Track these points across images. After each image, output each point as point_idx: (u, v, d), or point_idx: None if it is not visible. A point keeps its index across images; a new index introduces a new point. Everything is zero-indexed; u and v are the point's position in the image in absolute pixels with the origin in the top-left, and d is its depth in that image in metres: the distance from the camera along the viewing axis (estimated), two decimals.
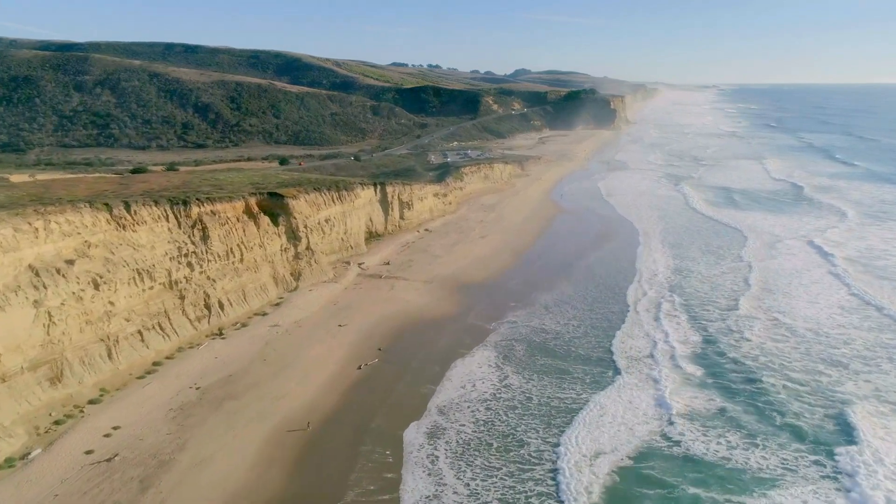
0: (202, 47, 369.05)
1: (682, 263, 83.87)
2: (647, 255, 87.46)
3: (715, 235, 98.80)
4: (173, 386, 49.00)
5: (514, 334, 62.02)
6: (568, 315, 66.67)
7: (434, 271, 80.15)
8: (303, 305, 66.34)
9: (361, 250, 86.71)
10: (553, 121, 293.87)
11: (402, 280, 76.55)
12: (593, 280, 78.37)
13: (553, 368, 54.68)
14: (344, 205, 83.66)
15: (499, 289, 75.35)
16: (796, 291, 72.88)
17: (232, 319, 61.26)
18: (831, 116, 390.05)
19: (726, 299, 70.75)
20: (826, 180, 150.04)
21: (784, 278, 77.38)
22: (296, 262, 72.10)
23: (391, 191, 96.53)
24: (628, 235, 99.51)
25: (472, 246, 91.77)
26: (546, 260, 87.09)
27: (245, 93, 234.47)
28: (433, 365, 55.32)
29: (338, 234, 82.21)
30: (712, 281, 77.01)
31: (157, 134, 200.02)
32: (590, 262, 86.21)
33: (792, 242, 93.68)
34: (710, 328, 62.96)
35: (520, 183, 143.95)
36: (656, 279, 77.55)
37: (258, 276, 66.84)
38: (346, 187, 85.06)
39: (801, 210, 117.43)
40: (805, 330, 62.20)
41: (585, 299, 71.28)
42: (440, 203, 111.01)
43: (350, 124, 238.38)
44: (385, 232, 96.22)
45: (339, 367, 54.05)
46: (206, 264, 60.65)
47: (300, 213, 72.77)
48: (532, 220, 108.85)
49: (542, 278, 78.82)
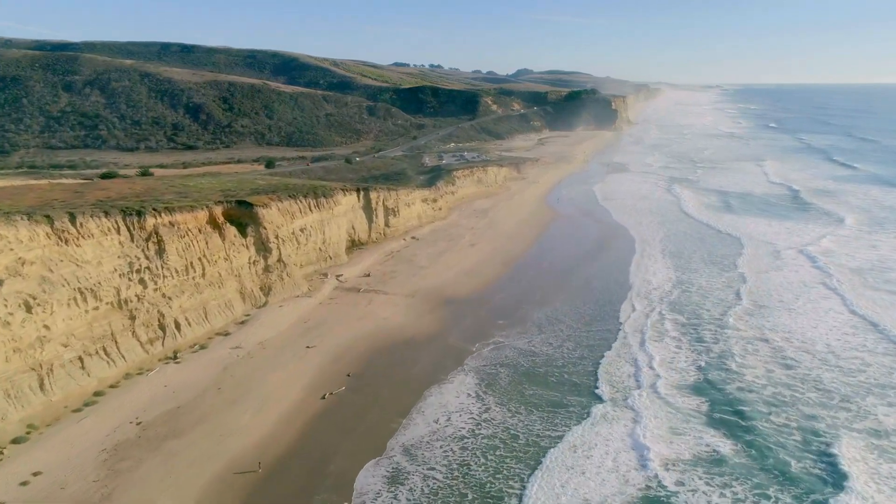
0: (199, 47, 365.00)
1: (677, 275, 78.35)
2: (642, 267, 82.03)
3: (711, 244, 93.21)
4: (112, 420, 43.96)
5: (499, 357, 56.75)
6: (560, 335, 61.29)
7: (417, 284, 75.01)
8: (270, 323, 61.27)
9: (342, 260, 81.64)
10: (553, 121, 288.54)
11: (381, 294, 71.42)
12: (588, 294, 73.14)
13: (543, 400, 49.16)
14: (322, 213, 78.59)
15: (485, 304, 70.15)
16: (794, 308, 67.37)
17: (190, 341, 56.21)
18: (831, 117, 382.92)
19: (718, 317, 65.30)
20: (825, 183, 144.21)
21: (780, 294, 71.84)
22: (266, 276, 67.05)
23: (375, 197, 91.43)
24: (624, 243, 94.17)
25: (460, 255, 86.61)
26: (538, 271, 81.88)
27: (238, 93, 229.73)
28: (406, 394, 50.16)
29: (315, 243, 77.14)
30: (705, 295, 71.53)
31: (146, 135, 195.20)
32: (584, 272, 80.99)
33: (789, 252, 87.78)
34: (701, 351, 57.52)
35: (515, 186, 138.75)
36: (649, 294, 72.04)
37: (222, 292, 61.79)
38: (324, 194, 79.99)
39: (799, 216, 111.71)
40: (807, 357, 56.77)
41: (579, 317, 65.96)
42: (429, 209, 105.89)
43: (345, 125, 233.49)
44: (369, 240, 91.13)
45: (302, 396, 48.95)
46: (162, 281, 55.63)
47: (271, 222, 67.72)
48: (525, 227, 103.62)
49: (532, 292, 73.60)
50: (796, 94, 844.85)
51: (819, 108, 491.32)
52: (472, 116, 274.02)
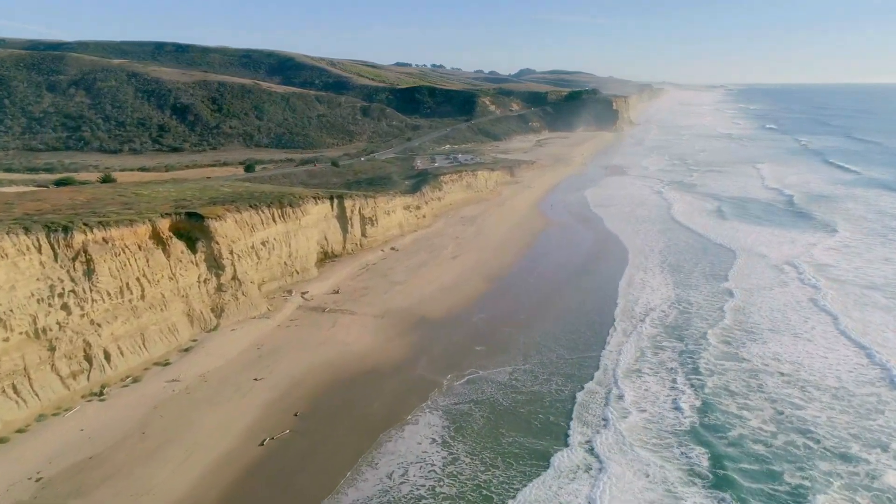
0: (193, 46, 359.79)
1: (668, 293, 71.57)
2: (634, 284, 75.23)
3: (704, 256, 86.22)
4: (8, 476, 37.67)
5: (473, 393, 50.04)
6: (548, 366, 54.28)
7: (389, 302, 68.55)
8: (218, 350, 54.94)
9: (310, 275, 75.27)
10: (553, 122, 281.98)
11: (348, 314, 64.99)
12: (579, 314, 66.50)
13: (524, 450, 42.18)
14: (288, 224, 72.23)
15: (462, 325, 63.61)
16: (788, 334, 60.71)
17: (121, 373, 49.89)
18: (832, 117, 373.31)
19: (709, 344, 58.76)
20: (823, 188, 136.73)
21: (773, 316, 65.11)
22: (218, 296, 60.70)
23: (350, 205, 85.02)
24: (617, 255, 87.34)
25: (440, 269, 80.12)
26: (524, 287, 75.28)
27: (227, 93, 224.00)
28: (360, 438, 43.72)
29: (278, 258, 70.77)
30: (694, 317, 64.88)
31: (130, 137, 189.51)
32: (575, 289, 74.40)
33: (785, 267, 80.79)
34: (690, 387, 50.99)
35: (507, 191, 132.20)
36: (637, 318, 65.50)
37: (165, 316, 55.45)
38: (291, 203, 73.61)
39: (796, 224, 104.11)
40: (811, 398, 50.19)
41: (570, 342, 59.08)
42: (412, 216, 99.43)
43: (337, 126, 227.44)
44: (343, 252, 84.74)
45: (238, 442, 42.56)
46: (90, 305, 49.32)
47: (225, 236, 61.37)
48: (514, 236, 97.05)
49: (516, 311, 67.04)
50: (799, 94, 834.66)
51: (820, 108, 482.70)
52: (469, 117, 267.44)
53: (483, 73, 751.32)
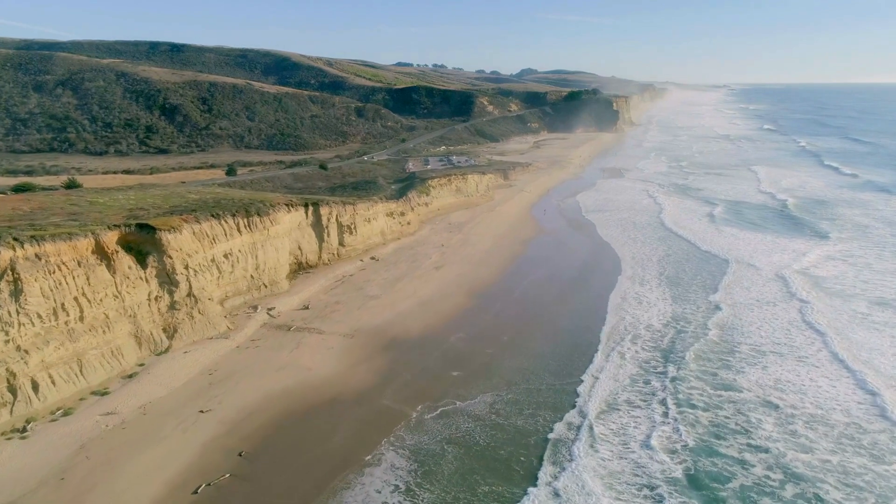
0: (188, 46, 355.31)
1: (662, 310, 66.50)
2: (625, 299, 70.09)
3: (696, 267, 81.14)
4: None
5: (447, 429, 44.70)
6: (534, 396, 48.95)
7: (361, 319, 63.50)
8: (165, 377, 49.98)
9: (280, 288, 70.28)
10: (552, 123, 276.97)
11: (315, 333, 59.98)
12: (568, 333, 61.49)
13: (504, 502, 37.42)
14: (254, 234, 67.26)
15: (440, 346, 58.50)
16: (790, 357, 55.57)
17: (52, 404, 44.95)
18: (832, 118, 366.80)
19: (688, 369, 53.64)
20: (819, 192, 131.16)
21: (760, 334, 60.01)
22: (171, 315, 55.75)
23: (327, 213, 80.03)
24: (609, 266, 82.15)
25: (420, 281, 75.04)
26: (509, 301, 70.11)
27: (218, 93, 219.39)
28: (311, 484, 38.68)
29: (243, 271, 65.80)
30: (682, 334, 59.80)
31: (117, 138, 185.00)
32: (564, 304, 69.29)
33: (775, 279, 75.70)
34: (659, 419, 45.91)
35: (500, 195, 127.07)
36: (625, 340, 60.48)
37: (108, 338, 50.51)
38: (259, 212, 68.61)
39: (792, 233, 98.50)
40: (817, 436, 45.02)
41: (558, 367, 53.91)
42: (396, 224, 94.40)
43: (331, 127, 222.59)
44: (319, 262, 79.74)
45: (168, 490, 37.55)
46: (17, 330, 44.38)
47: (179, 249, 56.41)
48: (502, 245, 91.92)
49: (499, 330, 61.89)
50: (801, 94, 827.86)
51: (820, 108, 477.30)
52: (466, 118, 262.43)
53: (485, 73, 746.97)
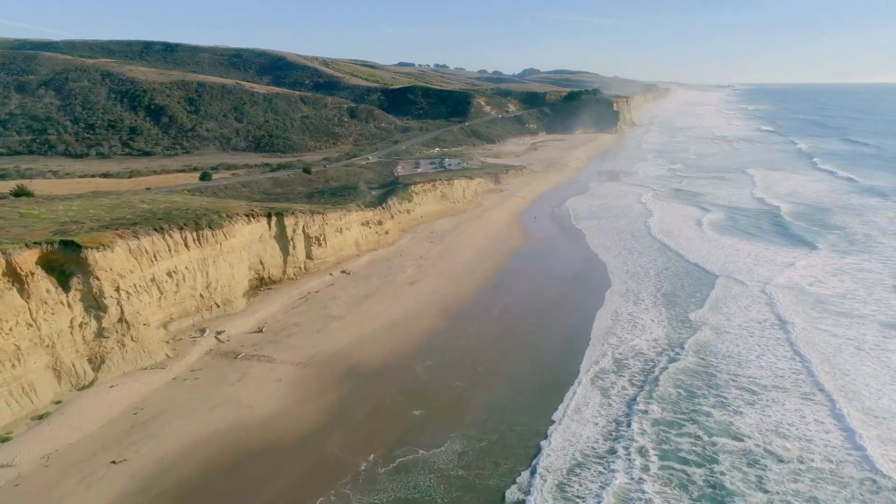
0: (182, 46, 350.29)
1: (653, 335, 60.20)
2: (618, 316, 63.97)
3: (683, 283, 74.71)
4: None
5: (402, 487, 38.12)
6: (510, 444, 42.42)
7: (319, 345, 57.38)
8: (81, 418, 43.94)
9: (235, 308, 64.19)
10: (551, 123, 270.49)
11: (264, 362, 53.88)
12: (551, 360, 55.30)
13: None
14: (205, 249, 61.21)
15: (403, 378, 52.32)
16: (790, 395, 49.24)
17: None
18: (832, 119, 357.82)
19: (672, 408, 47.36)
20: (817, 199, 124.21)
21: (748, 361, 53.74)
22: (98, 343, 49.71)
23: (292, 223, 73.90)
24: (596, 282, 75.70)
25: (390, 299, 68.85)
26: (486, 323, 63.73)
27: (206, 94, 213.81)
28: None
29: (191, 290, 59.74)
30: (664, 365, 53.55)
31: (99, 140, 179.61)
32: (546, 327, 63.02)
33: (759, 300, 68.99)
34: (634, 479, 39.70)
35: (490, 201, 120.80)
36: (604, 369, 54.24)
37: (19, 373, 44.49)
38: (211, 224, 62.55)
39: (786, 243, 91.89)
40: None
41: (540, 405, 47.68)
42: (372, 233, 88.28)
43: (322, 129, 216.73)
44: (283, 277, 73.63)
45: None
46: None
47: (109, 269, 50.38)
48: (485, 256, 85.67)
49: (474, 358, 55.57)
50: (804, 95, 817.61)
51: (821, 108, 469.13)
52: (462, 119, 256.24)
53: (487, 73, 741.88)
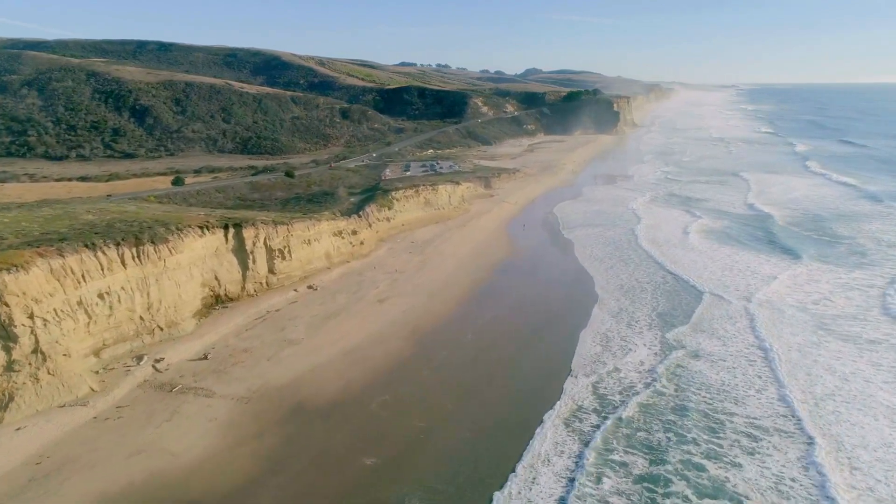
0: (176, 45, 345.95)
1: (642, 362, 54.21)
2: (592, 346, 57.82)
3: (683, 300, 68.25)
4: None
5: None
6: (464, 495, 37.02)
7: (267, 375, 51.40)
8: None
9: (182, 331, 58.29)
10: (550, 125, 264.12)
11: (202, 396, 47.93)
12: (525, 394, 49.24)
13: None
14: (146, 266, 55.36)
15: (356, 416, 46.22)
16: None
17: None
18: (834, 119, 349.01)
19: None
20: (816, 205, 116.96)
21: (755, 408, 47.57)
22: (6, 379, 43.85)
23: (252, 235, 67.96)
24: (582, 299, 69.39)
25: (356, 320, 62.81)
26: (459, 347, 57.54)
27: (194, 94, 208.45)
28: None
29: (129, 312, 53.86)
30: (654, 405, 47.44)
31: (80, 142, 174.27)
32: (527, 349, 56.97)
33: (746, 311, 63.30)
34: None
35: (478, 207, 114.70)
36: (582, 414, 48.14)
37: None
38: (154, 238, 56.68)
39: (787, 255, 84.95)
40: None
41: (507, 452, 41.74)
42: (345, 244, 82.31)
43: (312, 130, 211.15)
44: (242, 294, 67.69)
45: None
46: None
47: (21, 293, 44.52)
48: (465, 269, 79.54)
49: (439, 391, 49.33)
50: (807, 95, 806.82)
51: (822, 109, 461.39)
52: (458, 119, 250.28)
53: (489, 72, 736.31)
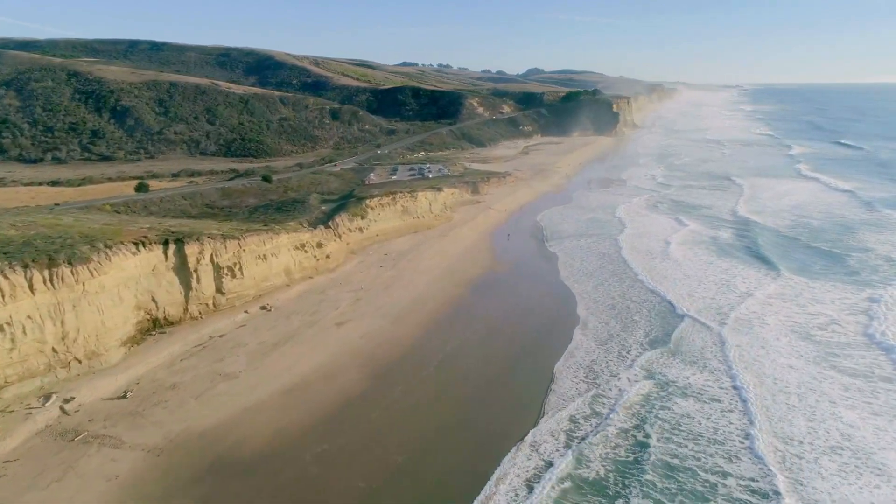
0: (169, 44, 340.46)
1: (628, 398, 47.26)
2: (571, 382, 50.88)
3: (678, 326, 61.56)
4: None
5: None
6: None
7: (190, 418, 44.55)
8: None
9: (105, 362, 51.54)
10: (547, 126, 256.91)
11: (108, 447, 41.14)
12: (493, 439, 42.38)
13: None
14: (61, 291, 48.63)
15: (285, 475, 39.20)
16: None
17: None
18: (835, 120, 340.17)
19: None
20: (814, 214, 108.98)
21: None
22: None
23: (196, 251, 61.14)
24: (564, 318, 62.68)
25: (306, 347, 55.94)
26: (419, 382, 50.63)
27: (178, 95, 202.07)
28: None
29: (38, 344, 47.13)
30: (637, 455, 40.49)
31: (56, 144, 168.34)
32: (497, 382, 50.09)
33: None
34: None
35: (462, 215, 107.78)
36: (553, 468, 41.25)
37: None
38: (71, 258, 49.99)
39: (773, 271, 77.56)
40: None
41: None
42: (309, 258, 75.47)
43: (300, 131, 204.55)
44: (185, 317, 60.91)
45: None
46: None
47: None
48: (439, 287, 72.58)
49: (391, 440, 42.49)
50: (809, 95, 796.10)
51: (822, 109, 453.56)
52: (453, 120, 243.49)
53: (490, 72, 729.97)
